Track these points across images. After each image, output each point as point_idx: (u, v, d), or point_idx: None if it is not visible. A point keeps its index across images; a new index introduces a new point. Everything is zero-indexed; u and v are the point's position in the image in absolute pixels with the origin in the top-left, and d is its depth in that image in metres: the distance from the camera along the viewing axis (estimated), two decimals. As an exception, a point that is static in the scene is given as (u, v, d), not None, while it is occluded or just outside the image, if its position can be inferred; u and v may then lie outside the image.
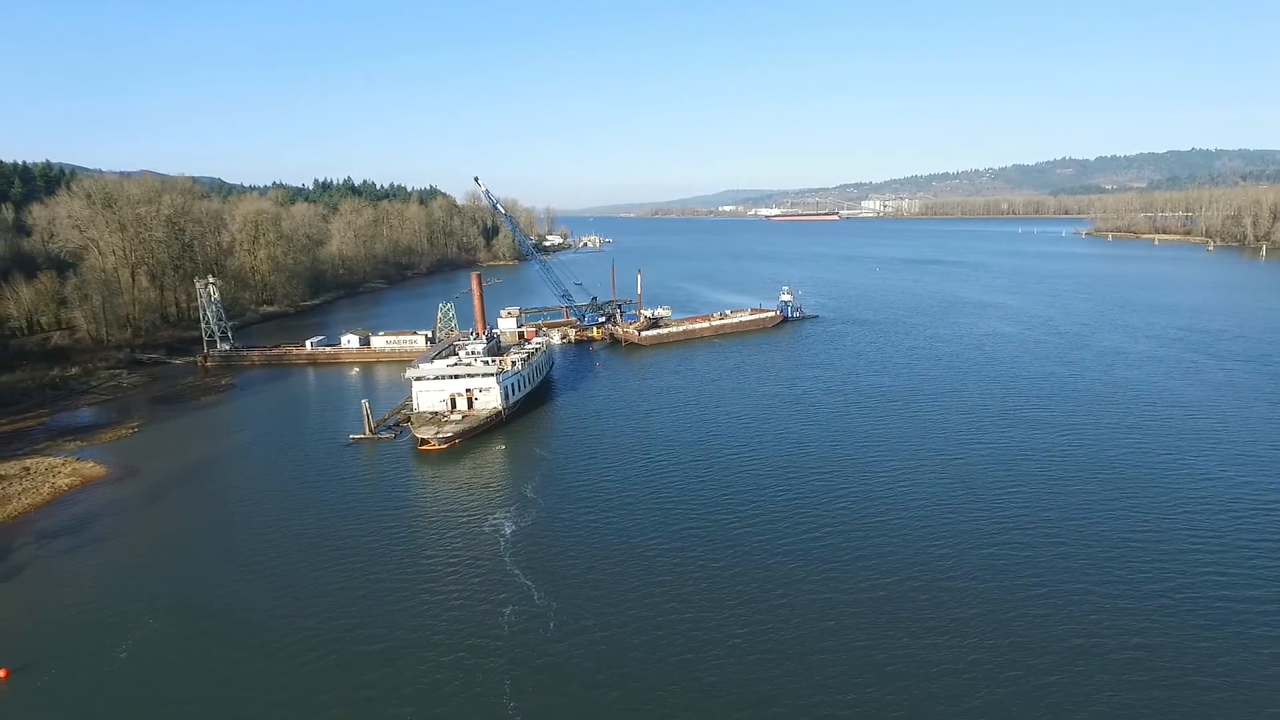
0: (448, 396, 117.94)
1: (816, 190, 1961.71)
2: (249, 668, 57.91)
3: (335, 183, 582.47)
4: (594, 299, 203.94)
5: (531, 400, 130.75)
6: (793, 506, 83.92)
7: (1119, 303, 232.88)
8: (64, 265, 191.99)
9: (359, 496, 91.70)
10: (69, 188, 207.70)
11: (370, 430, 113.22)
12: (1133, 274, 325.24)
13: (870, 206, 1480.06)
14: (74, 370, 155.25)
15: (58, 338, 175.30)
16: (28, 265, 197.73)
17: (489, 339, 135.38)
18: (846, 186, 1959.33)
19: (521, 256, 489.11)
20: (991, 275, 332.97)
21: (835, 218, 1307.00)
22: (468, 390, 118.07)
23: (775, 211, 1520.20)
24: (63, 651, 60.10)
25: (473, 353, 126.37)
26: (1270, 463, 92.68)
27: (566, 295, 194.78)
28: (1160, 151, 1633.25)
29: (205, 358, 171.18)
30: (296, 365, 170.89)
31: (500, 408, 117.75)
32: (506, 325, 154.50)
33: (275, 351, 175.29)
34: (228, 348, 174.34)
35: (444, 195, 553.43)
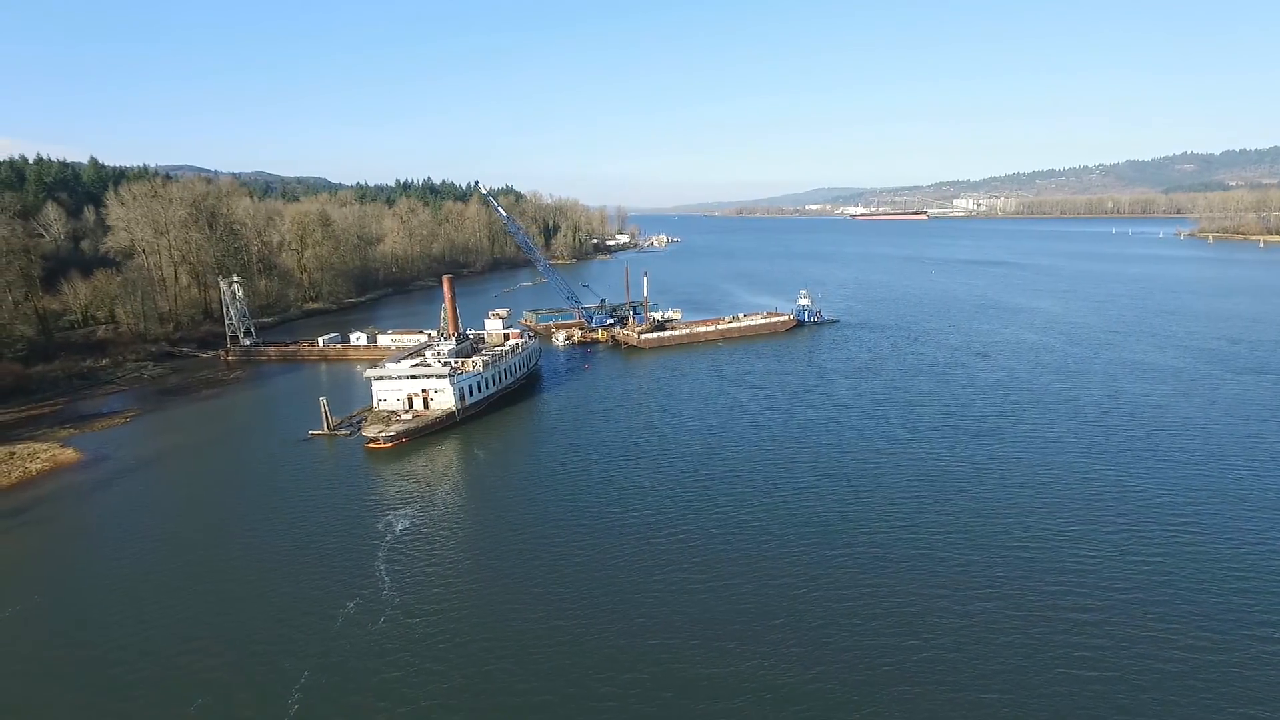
0: (405, 396, 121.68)
1: (910, 188, 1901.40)
2: (99, 633, 63.06)
3: (415, 182, 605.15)
4: (603, 300, 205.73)
5: (502, 400, 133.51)
6: (689, 514, 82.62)
7: (1171, 309, 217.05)
8: (115, 263, 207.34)
9: (285, 489, 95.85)
10: (116, 190, 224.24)
11: (328, 427, 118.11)
12: (1212, 279, 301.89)
13: (962, 205, 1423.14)
14: (104, 362, 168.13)
15: (102, 331, 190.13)
16: (94, 263, 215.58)
17: (460, 339, 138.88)
18: (942, 184, 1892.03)
19: (579, 256, 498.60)
20: (1050, 278, 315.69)
21: (923, 217, 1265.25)
22: (423, 391, 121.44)
23: (861, 210, 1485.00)
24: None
25: (438, 353, 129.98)
26: (1220, 486, 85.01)
27: (572, 297, 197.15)
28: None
29: (227, 352, 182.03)
30: (309, 361, 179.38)
31: (454, 408, 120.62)
32: (493, 326, 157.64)
33: (290, 348, 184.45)
34: (249, 343, 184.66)
35: (522, 195, 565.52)
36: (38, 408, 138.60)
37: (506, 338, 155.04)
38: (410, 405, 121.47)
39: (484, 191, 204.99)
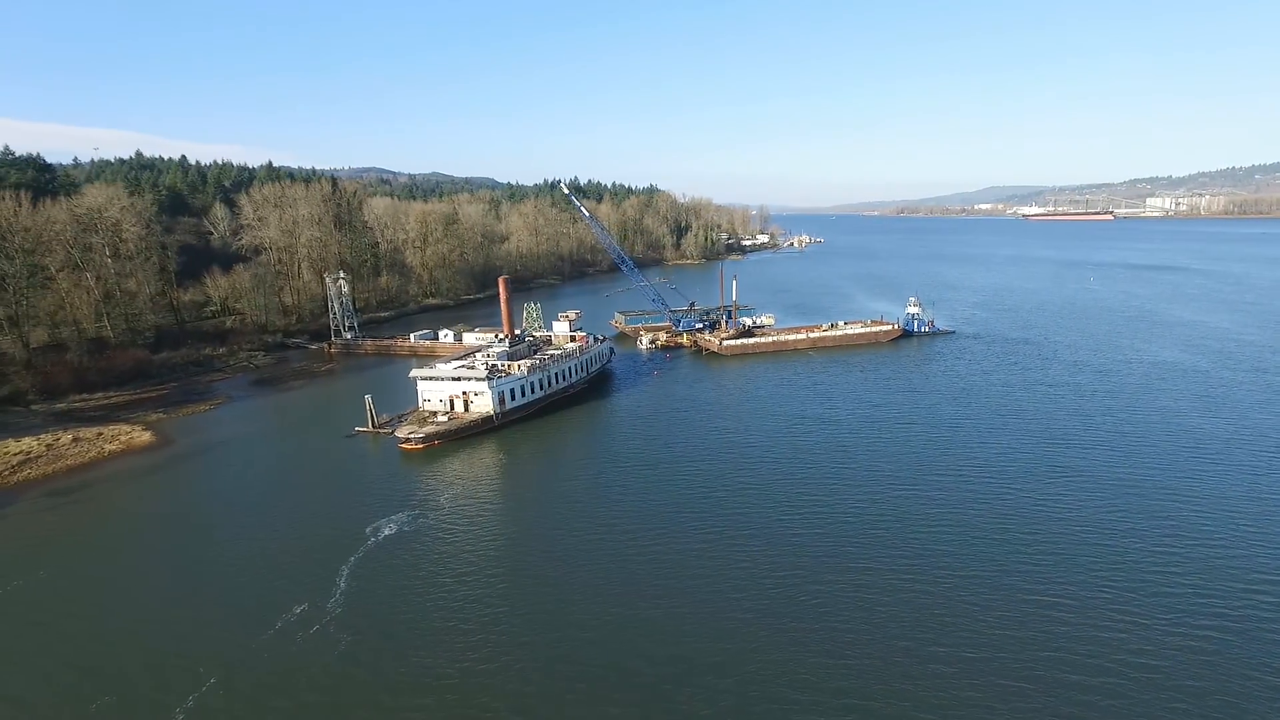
0: (448, 397, 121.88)
1: (1097, 186, 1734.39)
2: (56, 619, 65.81)
3: (560, 183, 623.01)
4: (692, 304, 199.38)
5: (557, 404, 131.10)
6: (679, 546, 75.96)
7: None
8: (247, 259, 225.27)
9: (308, 484, 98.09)
10: (247, 192, 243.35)
11: (373, 425, 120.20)
12: None
13: (1156, 205, 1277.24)
14: (221, 350, 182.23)
15: (230, 321, 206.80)
16: (240, 259, 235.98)
17: (514, 342, 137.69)
18: (1136, 181, 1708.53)
19: (710, 256, 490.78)
20: (1234, 288, 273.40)
21: (1108, 218, 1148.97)
22: (464, 393, 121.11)
23: (1036, 211, 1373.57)
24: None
25: (488, 355, 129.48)
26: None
27: (658, 299, 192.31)
28: None
29: (330, 345, 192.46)
30: (400, 356, 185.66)
31: (493, 412, 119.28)
32: (560, 329, 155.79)
33: (385, 343, 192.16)
34: (350, 337, 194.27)
35: (662, 193, 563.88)
36: (148, 391, 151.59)
37: (573, 339, 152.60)
38: (452, 407, 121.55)
39: (565, 191, 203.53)
